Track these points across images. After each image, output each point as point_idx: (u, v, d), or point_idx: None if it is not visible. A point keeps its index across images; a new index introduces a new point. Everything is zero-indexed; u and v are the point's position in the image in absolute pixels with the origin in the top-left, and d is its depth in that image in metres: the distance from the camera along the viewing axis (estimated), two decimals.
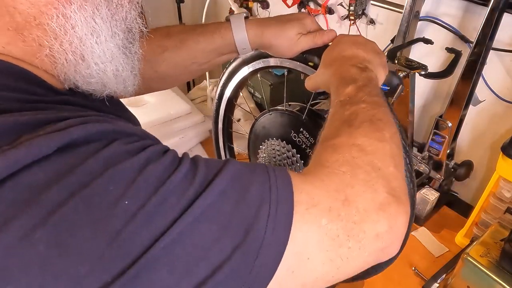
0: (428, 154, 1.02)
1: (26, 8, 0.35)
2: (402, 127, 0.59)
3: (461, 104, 0.93)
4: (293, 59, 0.70)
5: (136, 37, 0.45)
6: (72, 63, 0.39)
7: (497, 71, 0.93)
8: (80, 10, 0.37)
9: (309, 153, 0.72)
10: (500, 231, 0.80)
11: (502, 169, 0.83)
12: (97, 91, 0.43)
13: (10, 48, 0.36)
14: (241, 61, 0.80)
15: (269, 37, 0.65)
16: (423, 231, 1.01)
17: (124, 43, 0.43)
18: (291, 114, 0.76)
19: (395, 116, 0.50)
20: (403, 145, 0.58)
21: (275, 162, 0.79)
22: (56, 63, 0.38)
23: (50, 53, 0.37)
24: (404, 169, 0.43)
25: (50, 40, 0.37)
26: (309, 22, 0.65)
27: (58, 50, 0.37)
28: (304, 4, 1.30)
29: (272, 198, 0.34)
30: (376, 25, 1.16)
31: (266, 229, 0.33)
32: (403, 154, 0.49)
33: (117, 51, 0.42)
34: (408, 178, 0.59)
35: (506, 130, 0.97)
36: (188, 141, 1.25)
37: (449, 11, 0.98)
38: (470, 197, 1.12)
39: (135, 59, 0.45)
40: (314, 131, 0.71)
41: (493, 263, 0.73)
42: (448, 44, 0.99)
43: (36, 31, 0.36)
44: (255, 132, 0.84)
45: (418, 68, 0.85)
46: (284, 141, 0.76)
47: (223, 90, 0.89)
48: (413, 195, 0.60)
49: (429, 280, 0.87)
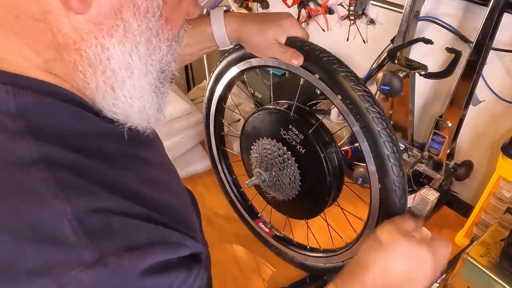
0: (428, 154, 1.02)
1: (68, 31, 0.36)
2: (388, 120, 0.60)
3: (461, 104, 0.93)
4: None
5: (168, 79, 0.46)
6: (101, 90, 0.40)
7: (497, 71, 0.93)
8: (119, 44, 0.38)
9: (299, 149, 0.73)
10: (500, 231, 0.80)
11: (502, 169, 0.83)
12: (120, 121, 0.43)
13: (51, 65, 0.37)
14: (226, 63, 0.80)
15: (245, 33, 0.65)
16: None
17: (155, 82, 0.43)
18: (279, 112, 0.76)
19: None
20: (387, 133, 0.59)
21: (267, 161, 0.79)
22: (87, 88, 0.39)
23: (83, 78, 0.38)
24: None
25: (84, 66, 0.38)
26: (287, 24, 0.65)
27: (90, 77, 0.38)
28: (304, 4, 1.30)
29: None
30: (376, 25, 1.16)
31: None
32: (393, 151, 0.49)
33: (148, 88, 0.42)
34: (397, 166, 0.61)
35: (506, 130, 0.97)
36: (188, 141, 1.25)
37: (449, 11, 0.98)
38: (470, 197, 1.12)
39: (163, 98, 0.46)
40: (302, 126, 0.71)
41: (493, 263, 0.73)
42: (448, 44, 0.99)
43: (74, 55, 0.37)
44: (246, 133, 0.84)
45: (418, 68, 0.85)
46: (275, 140, 0.76)
47: (211, 94, 0.88)
48: (403, 183, 0.62)
49: None
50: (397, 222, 0.53)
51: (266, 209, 0.94)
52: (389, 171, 0.61)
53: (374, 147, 0.61)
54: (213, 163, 1.01)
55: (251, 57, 0.73)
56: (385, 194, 0.63)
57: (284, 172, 0.77)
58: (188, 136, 1.24)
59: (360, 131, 0.61)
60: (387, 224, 0.52)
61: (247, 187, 0.84)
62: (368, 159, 0.62)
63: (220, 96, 0.87)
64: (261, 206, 0.96)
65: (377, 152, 0.61)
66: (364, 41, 1.21)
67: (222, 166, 0.99)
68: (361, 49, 1.24)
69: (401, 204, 0.63)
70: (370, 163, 0.62)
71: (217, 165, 1.00)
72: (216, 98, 0.88)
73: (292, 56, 0.64)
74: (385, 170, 0.61)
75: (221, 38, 0.67)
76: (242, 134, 0.86)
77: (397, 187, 0.62)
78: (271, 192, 0.84)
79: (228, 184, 1.00)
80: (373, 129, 0.60)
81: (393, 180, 0.61)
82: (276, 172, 0.78)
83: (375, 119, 0.60)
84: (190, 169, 1.21)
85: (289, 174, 0.76)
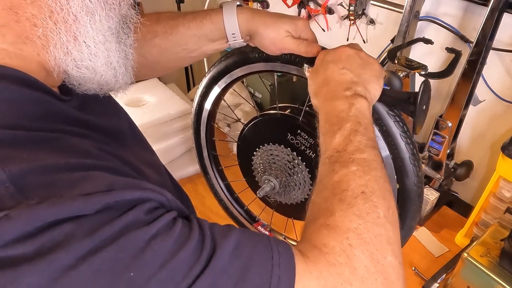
0: (428, 154, 1.02)
1: None
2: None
3: (461, 104, 0.93)
4: (271, 61, 0.68)
5: (131, 30, 0.45)
6: (63, 43, 0.38)
7: (497, 71, 0.93)
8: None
9: (309, 153, 0.72)
10: (500, 231, 0.80)
11: (502, 169, 0.83)
12: (88, 80, 0.42)
13: (4, 32, 0.36)
14: (222, 69, 0.77)
15: (258, 24, 0.63)
16: (423, 231, 1.01)
17: (118, 30, 0.42)
18: (285, 117, 0.74)
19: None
20: (407, 136, 0.59)
21: (276, 168, 0.78)
22: (48, 46, 0.38)
23: (43, 33, 0.37)
24: (399, 248, 0.42)
25: (45, 19, 0.36)
26: (301, 25, 0.63)
27: (52, 29, 0.37)
28: (304, 4, 1.30)
29: (273, 282, 0.34)
30: (376, 25, 1.16)
31: None
32: (414, 169, 0.49)
33: (110, 35, 0.41)
34: (416, 167, 0.62)
35: (506, 130, 0.97)
36: (188, 141, 1.25)
37: (449, 11, 0.98)
38: (470, 197, 1.12)
39: (128, 52, 0.45)
40: (313, 131, 0.70)
41: (493, 263, 0.73)
42: (448, 44, 0.99)
43: (31, 9, 0.36)
44: (246, 139, 0.82)
45: (418, 68, 0.85)
46: (282, 145, 0.75)
47: (202, 101, 0.84)
48: (422, 182, 0.63)
49: (429, 280, 0.87)
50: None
51: (264, 210, 0.93)
52: (410, 171, 0.62)
53: (395, 150, 0.61)
54: (203, 170, 0.97)
55: (233, 69, 0.72)
56: (403, 193, 0.64)
57: (294, 177, 0.76)
58: (188, 136, 1.24)
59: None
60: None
61: (259, 197, 0.81)
62: (386, 161, 0.62)
63: (211, 106, 0.84)
64: (258, 210, 0.95)
65: (398, 155, 0.62)
66: (364, 41, 1.21)
67: (214, 172, 0.96)
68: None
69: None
70: (388, 166, 0.62)
71: (208, 171, 0.96)
72: (208, 107, 0.84)
73: (308, 46, 0.62)
74: (406, 171, 0.62)
75: (232, 29, 0.63)
76: (241, 139, 0.83)
77: (417, 186, 0.63)
78: (277, 197, 0.83)
79: (221, 190, 0.98)
80: (394, 132, 0.60)
81: (413, 180, 0.62)
82: (286, 177, 0.77)
83: (395, 123, 0.60)
84: (190, 169, 1.21)
85: (299, 179, 0.75)
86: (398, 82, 0.88)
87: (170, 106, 1.22)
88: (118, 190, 0.33)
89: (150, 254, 0.31)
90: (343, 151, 0.46)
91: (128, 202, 0.33)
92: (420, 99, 0.54)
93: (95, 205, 0.31)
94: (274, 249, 0.36)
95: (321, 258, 0.37)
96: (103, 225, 0.31)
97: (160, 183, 0.53)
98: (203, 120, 0.86)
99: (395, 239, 0.42)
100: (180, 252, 0.32)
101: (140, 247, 0.31)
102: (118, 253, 0.30)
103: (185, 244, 0.33)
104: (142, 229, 0.32)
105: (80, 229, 0.30)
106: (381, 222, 0.41)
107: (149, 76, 0.74)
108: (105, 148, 0.42)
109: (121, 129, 0.53)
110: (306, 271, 0.36)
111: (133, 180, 0.37)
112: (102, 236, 0.30)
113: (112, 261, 0.30)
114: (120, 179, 0.35)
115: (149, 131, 1.14)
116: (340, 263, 0.37)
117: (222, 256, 0.34)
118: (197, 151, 0.94)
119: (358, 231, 0.39)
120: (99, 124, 0.46)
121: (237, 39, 0.65)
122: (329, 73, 0.54)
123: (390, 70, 0.90)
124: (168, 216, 0.35)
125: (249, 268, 0.34)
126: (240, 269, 0.34)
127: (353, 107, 0.49)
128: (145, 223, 0.33)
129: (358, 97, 0.50)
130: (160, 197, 0.36)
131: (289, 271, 0.35)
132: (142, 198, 0.34)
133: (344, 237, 0.39)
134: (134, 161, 0.46)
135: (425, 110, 0.57)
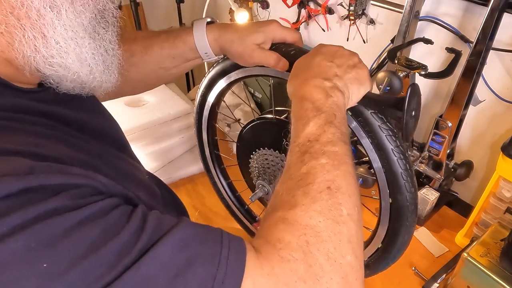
0: (428, 154, 1.02)
1: None
2: (398, 133, 0.58)
3: (461, 104, 0.93)
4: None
5: (111, 23, 0.44)
6: (30, 40, 0.37)
7: (497, 71, 0.93)
8: None
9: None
10: (500, 231, 0.80)
11: (502, 169, 0.83)
12: (62, 78, 0.41)
13: None
14: (220, 71, 0.76)
15: (224, 42, 0.63)
16: (423, 231, 1.01)
17: (93, 25, 0.41)
18: (280, 122, 0.72)
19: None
20: (400, 151, 0.57)
21: (270, 173, 0.76)
22: (13, 42, 0.37)
23: (6, 30, 0.36)
24: (361, 247, 0.40)
25: (6, 15, 0.36)
26: (271, 29, 0.62)
27: (15, 25, 0.36)
28: (304, 4, 1.30)
29: (218, 277, 0.32)
30: (376, 25, 1.16)
31: None
32: (400, 157, 0.47)
33: (82, 31, 0.40)
34: (409, 183, 0.59)
35: (506, 130, 0.97)
36: (188, 141, 1.25)
37: (449, 11, 0.98)
38: (470, 197, 1.12)
39: (108, 47, 0.44)
40: None
41: (493, 263, 0.73)
42: (448, 44, 0.99)
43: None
44: (244, 141, 0.81)
45: (418, 68, 0.85)
46: (277, 151, 0.73)
47: (204, 98, 0.84)
48: (415, 198, 0.61)
49: (429, 280, 0.87)
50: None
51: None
52: (402, 187, 0.59)
53: (386, 164, 0.58)
54: (206, 168, 0.97)
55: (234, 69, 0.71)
56: (395, 208, 0.62)
57: None
58: (188, 136, 1.24)
59: (370, 146, 0.59)
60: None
61: (252, 202, 0.81)
62: (379, 174, 0.60)
63: (214, 101, 0.83)
64: (259, 210, 0.95)
65: (390, 169, 0.59)
66: (364, 41, 1.21)
67: (216, 171, 0.96)
68: (361, 49, 1.24)
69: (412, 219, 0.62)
70: (381, 179, 0.60)
71: (211, 170, 0.96)
72: (210, 103, 0.84)
73: (275, 60, 0.60)
74: (398, 186, 0.59)
75: (204, 48, 0.64)
76: (239, 140, 0.83)
77: (409, 202, 0.60)
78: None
79: (224, 188, 0.97)
80: (386, 147, 0.57)
81: (406, 196, 0.59)
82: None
83: (388, 137, 0.57)
84: (190, 169, 1.21)
85: None
86: (398, 82, 0.88)
87: (170, 106, 1.22)
88: (37, 174, 0.31)
89: (69, 243, 0.29)
90: (315, 141, 0.44)
91: (52, 187, 0.31)
92: (407, 104, 0.50)
93: (5, 189, 0.29)
94: (224, 244, 0.35)
95: (274, 254, 0.36)
96: (14, 211, 0.28)
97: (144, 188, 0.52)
98: (204, 119, 0.87)
99: (357, 238, 0.40)
100: (109, 242, 0.31)
101: (58, 235, 0.29)
102: (29, 242, 0.28)
103: (118, 234, 0.31)
104: (62, 216, 0.30)
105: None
106: (343, 220, 0.39)
107: (133, 93, 0.75)
108: (70, 140, 0.41)
109: (101, 128, 0.52)
110: (257, 267, 0.34)
111: (59, 165, 0.34)
112: (11, 222, 0.28)
113: (22, 251, 0.28)
114: (43, 164, 0.33)
115: (149, 131, 1.15)
116: (296, 259, 0.35)
117: (163, 249, 0.32)
118: (200, 149, 0.95)
119: (317, 228, 0.38)
120: (71, 117, 0.45)
121: (210, 57, 0.66)
122: (317, 60, 0.52)
123: (390, 70, 0.90)
124: (103, 203, 0.33)
125: (193, 262, 0.33)
126: (182, 263, 0.32)
127: (330, 99, 0.47)
128: (69, 209, 0.31)
129: (336, 90, 0.49)
130: (92, 182, 0.35)
131: (238, 266, 0.34)
132: (68, 184, 0.33)
133: (301, 233, 0.37)
134: (110, 158, 0.45)
135: (415, 116, 0.54)
